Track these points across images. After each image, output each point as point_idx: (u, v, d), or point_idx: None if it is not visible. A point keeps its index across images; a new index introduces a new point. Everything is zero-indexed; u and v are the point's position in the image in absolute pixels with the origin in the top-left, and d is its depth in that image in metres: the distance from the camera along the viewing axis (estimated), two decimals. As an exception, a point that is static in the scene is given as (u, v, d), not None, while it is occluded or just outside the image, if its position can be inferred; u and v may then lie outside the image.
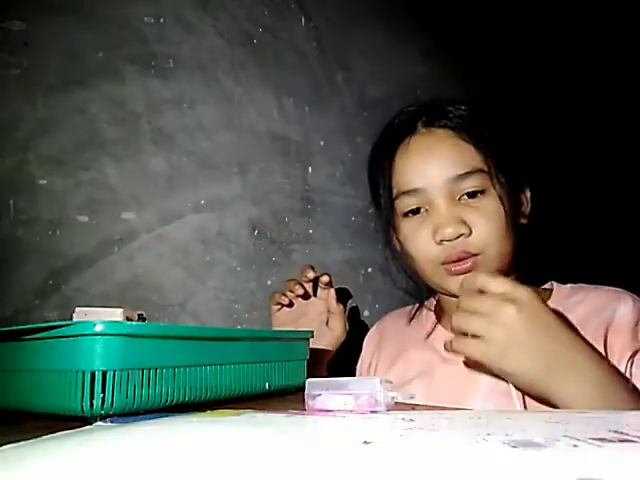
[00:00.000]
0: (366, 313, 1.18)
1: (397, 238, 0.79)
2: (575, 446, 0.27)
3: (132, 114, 1.02)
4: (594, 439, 0.28)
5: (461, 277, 0.70)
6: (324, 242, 1.17)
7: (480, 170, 0.72)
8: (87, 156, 0.98)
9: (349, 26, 1.22)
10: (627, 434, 0.29)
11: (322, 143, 1.18)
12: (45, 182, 0.95)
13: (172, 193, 1.04)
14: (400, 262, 0.83)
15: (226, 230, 1.08)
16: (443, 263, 0.73)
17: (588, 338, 0.69)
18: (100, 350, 0.42)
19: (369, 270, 1.20)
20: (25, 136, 0.94)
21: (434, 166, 0.72)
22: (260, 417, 0.40)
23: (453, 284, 0.73)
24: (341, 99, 1.21)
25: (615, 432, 0.29)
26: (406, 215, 0.76)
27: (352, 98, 1.21)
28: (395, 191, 0.76)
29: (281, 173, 1.14)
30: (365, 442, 0.30)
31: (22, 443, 0.33)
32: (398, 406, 0.46)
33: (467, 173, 0.71)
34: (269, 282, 1.11)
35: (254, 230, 1.11)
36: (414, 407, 0.50)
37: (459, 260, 0.71)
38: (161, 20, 1.05)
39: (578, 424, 0.33)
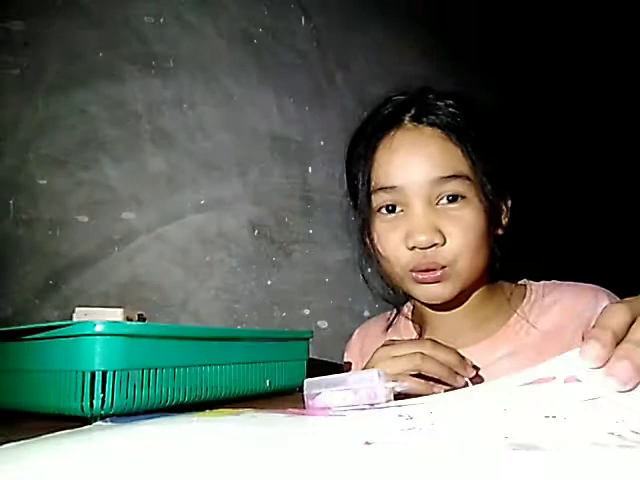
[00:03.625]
0: (366, 313, 1.18)
1: (369, 235, 0.74)
2: (575, 449, 0.27)
3: (132, 114, 1.02)
4: (594, 444, 0.28)
5: (427, 286, 0.69)
6: (324, 242, 1.17)
7: (464, 176, 0.68)
8: (87, 156, 0.99)
9: (349, 26, 1.22)
10: (625, 437, 0.29)
11: (322, 143, 1.18)
12: (45, 182, 0.95)
13: (172, 193, 1.05)
14: (373, 262, 0.78)
15: (226, 230, 1.08)
16: (412, 270, 0.69)
17: (567, 339, 0.68)
18: (100, 350, 0.42)
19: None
20: (25, 136, 0.94)
21: (417, 165, 0.68)
22: (260, 417, 0.40)
23: (419, 292, 0.70)
24: (341, 99, 1.21)
25: (613, 434, 0.29)
26: (380, 211, 0.71)
27: (352, 98, 1.21)
28: (373, 185, 0.71)
29: (281, 173, 1.14)
30: (367, 443, 0.30)
31: (22, 442, 0.33)
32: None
33: (450, 177, 0.67)
34: (269, 282, 1.11)
35: (254, 230, 1.11)
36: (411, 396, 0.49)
37: (427, 270, 0.68)
38: (161, 20, 1.05)
39: (578, 423, 0.32)
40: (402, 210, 0.70)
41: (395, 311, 0.86)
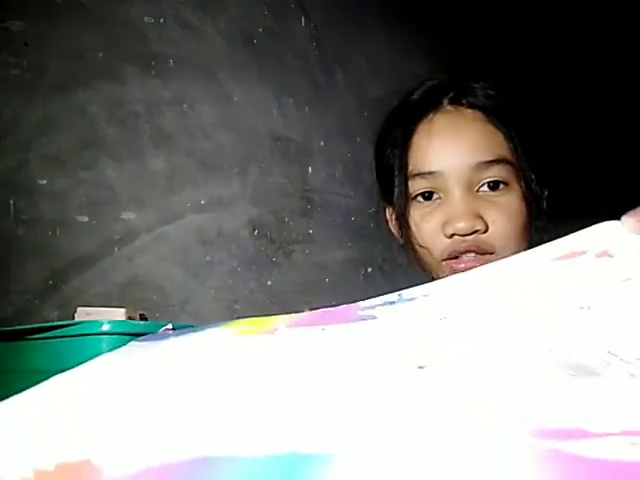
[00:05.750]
0: (366, 313, 1.18)
1: (406, 224, 0.69)
2: (632, 376, 0.26)
3: (132, 114, 1.02)
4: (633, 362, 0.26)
5: None
6: (324, 242, 1.17)
7: (506, 161, 0.65)
8: (87, 156, 0.98)
9: (349, 26, 1.22)
10: None
11: (322, 143, 1.19)
12: (45, 182, 0.95)
13: (172, 193, 1.04)
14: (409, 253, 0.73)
15: (226, 230, 1.08)
16: (447, 259, 0.65)
17: None
18: (107, 350, 0.42)
19: (369, 270, 1.20)
20: (25, 136, 0.94)
21: (457, 150, 0.65)
22: (297, 332, 0.38)
23: None
24: (341, 99, 1.21)
25: None
26: (416, 199, 0.67)
27: (352, 98, 1.21)
28: (410, 170, 0.67)
29: (281, 173, 1.14)
30: (420, 367, 0.29)
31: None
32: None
33: (492, 161, 0.64)
34: (269, 282, 1.11)
35: (254, 230, 1.11)
36: None
37: (467, 253, 0.63)
38: (161, 20, 1.05)
39: (613, 318, 0.30)
40: (439, 197, 0.66)
41: None
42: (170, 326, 0.45)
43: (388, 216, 0.78)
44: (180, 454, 0.23)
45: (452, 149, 0.66)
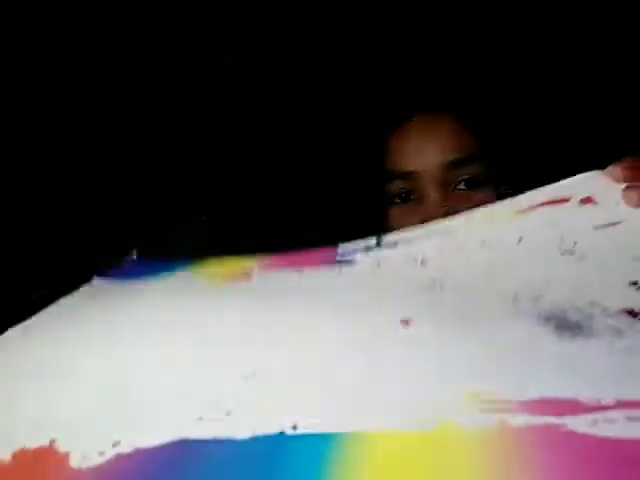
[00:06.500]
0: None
1: (385, 226, 0.71)
2: (619, 332, 0.25)
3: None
4: (625, 311, 0.26)
5: None
6: (324, 242, 1.16)
7: (480, 159, 0.66)
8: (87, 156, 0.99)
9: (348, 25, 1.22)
10: None
11: (322, 143, 1.18)
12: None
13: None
14: None
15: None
16: None
17: None
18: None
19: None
20: (26, 136, 0.94)
21: (430, 149, 0.66)
22: (272, 277, 0.35)
23: None
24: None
25: (637, 284, 0.27)
26: (395, 200, 0.69)
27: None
28: (387, 172, 0.69)
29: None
30: (403, 322, 0.28)
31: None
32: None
33: (466, 160, 0.65)
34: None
35: (255, 230, 1.11)
36: None
37: None
38: (161, 21, 1.05)
39: (594, 265, 0.30)
40: (417, 197, 0.67)
41: None
42: (134, 256, 0.44)
43: None
44: (155, 437, 0.20)
45: (426, 149, 0.67)
